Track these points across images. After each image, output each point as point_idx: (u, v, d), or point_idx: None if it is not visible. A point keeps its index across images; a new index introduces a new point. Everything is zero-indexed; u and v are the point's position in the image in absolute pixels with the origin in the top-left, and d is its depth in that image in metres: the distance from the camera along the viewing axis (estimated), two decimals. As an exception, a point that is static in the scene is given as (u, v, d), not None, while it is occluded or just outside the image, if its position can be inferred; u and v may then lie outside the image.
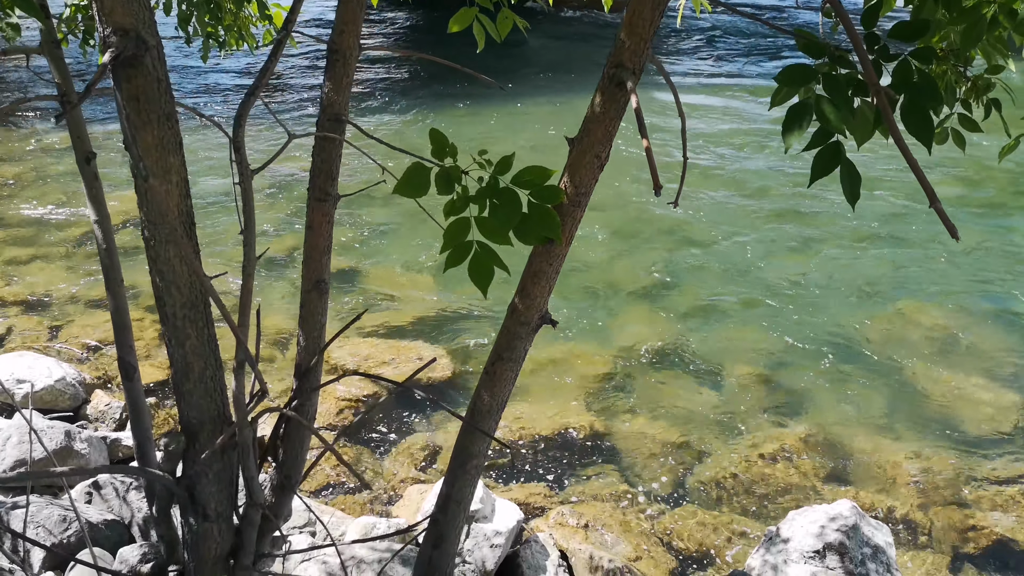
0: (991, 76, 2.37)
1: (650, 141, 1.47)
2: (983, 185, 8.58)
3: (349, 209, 7.99)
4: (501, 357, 1.99)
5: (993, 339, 5.85)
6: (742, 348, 5.81)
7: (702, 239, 7.46)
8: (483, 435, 2.05)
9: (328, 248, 2.03)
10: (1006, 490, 4.47)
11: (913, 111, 1.54)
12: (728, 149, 9.95)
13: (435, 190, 1.74)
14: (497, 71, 12.11)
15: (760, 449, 4.82)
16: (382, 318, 6.14)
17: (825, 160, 1.62)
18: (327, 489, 4.58)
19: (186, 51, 14.32)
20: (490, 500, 3.95)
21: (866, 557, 3.42)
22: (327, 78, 1.88)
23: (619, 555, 4.03)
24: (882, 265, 6.93)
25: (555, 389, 5.38)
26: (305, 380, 2.10)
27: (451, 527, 2.13)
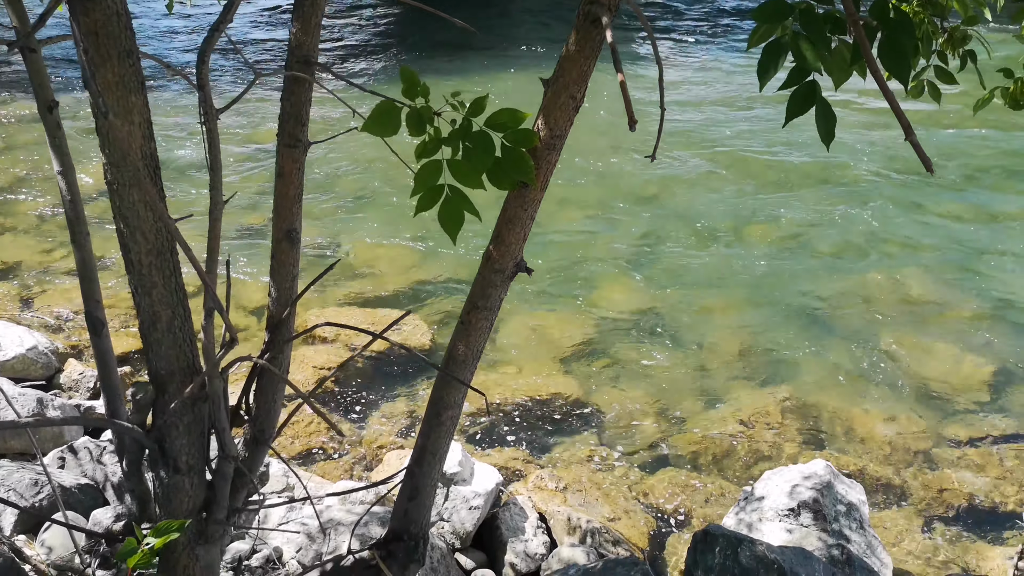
0: (967, 27, 2.36)
1: (625, 76, 1.44)
2: (957, 156, 8.64)
3: (327, 179, 7.90)
4: (476, 306, 1.97)
5: (964, 305, 5.92)
6: (720, 315, 5.84)
7: (682, 208, 7.46)
8: (459, 385, 2.03)
9: (299, 196, 1.99)
10: (976, 450, 4.55)
11: (890, 47, 1.52)
12: (709, 113, 9.93)
13: (407, 133, 1.70)
14: (486, 28, 11.90)
15: (737, 413, 4.86)
16: (360, 286, 6.09)
17: (800, 99, 1.60)
18: (307, 456, 4.57)
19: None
20: (469, 463, 3.95)
21: (839, 514, 3.47)
22: (295, 18, 1.83)
23: (597, 516, 4.06)
24: (857, 234, 6.97)
25: (535, 356, 5.38)
26: (278, 332, 2.07)
27: (427, 479, 2.12)
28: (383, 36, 13.62)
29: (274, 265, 2.02)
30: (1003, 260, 6.56)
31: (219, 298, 1.88)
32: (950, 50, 2.42)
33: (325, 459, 4.56)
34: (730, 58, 12.38)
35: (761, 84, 1.61)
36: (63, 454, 3.55)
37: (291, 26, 1.85)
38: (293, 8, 1.84)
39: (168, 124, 9.10)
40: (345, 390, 5.02)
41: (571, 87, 1.72)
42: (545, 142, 1.77)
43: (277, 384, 2.11)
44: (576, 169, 8.19)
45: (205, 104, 1.61)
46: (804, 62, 1.56)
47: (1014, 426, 4.73)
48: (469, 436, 4.67)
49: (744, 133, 9.24)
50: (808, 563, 2.76)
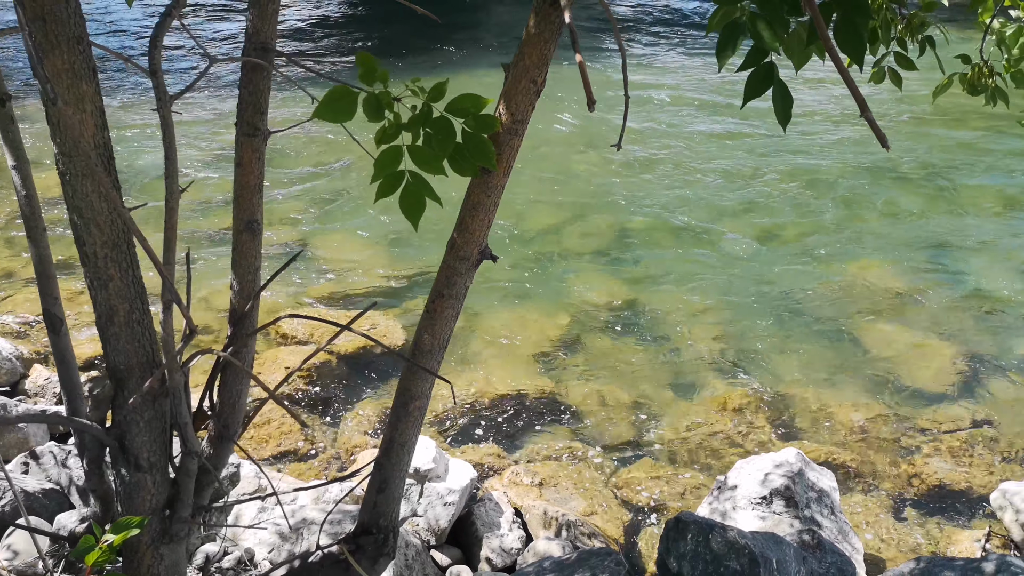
0: (925, 14, 2.39)
1: (583, 57, 1.43)
2: (925, 148, 8.77)
3: (297, 172, 7.83)
4: (441, 294, 1.95)
5: (934, 296, 6.01)
6: (693, 308, 5.87)
7: (654, 203, 7.49)
8: (426, 375, 2.02)
9: (259, 187, 1.96)
10: (946, 438, 4.61)
11: (845, 27, 1.53)
12: (680, 109, 10.00)
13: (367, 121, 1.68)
14: (459, 26, 11.87)
15: (711, 405, 4.89)
16: (332, 287, 6.04)
17: (758, 80, 1.61)
18: (280, 457, 4.52)
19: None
20: (443, 460, 3.93)
21: (811, 500, 3.50)
22: (251, 4, 1.80)
23: (573, 510, 4.06)
24: (827, 227, 7.05)
25: (509, 352, 5.37)
26: (241, 325, 2.04)
27: (396, 471, 2.10)
28: (353, 29, 13.54)
29: (235, 257, 1.99)
30: (968, 250, 6.68)
31: (185, 290, 1.85)
32: (909, 36, 2.45)
33: (298, 460, 4.51)
34: (702, 53, 12.47)
35: (720, 64, 1.62)
36: (26, 459, 3.48)
37: (248, 12, 1.83)
38: (249, -6, 1.81)
39: (123, 113, 8.98)
40: (320, 391, 4.97)
41: (532, 71, 1.71)
42: (507, 127, 1.76)
43: (241, 379, 2.07)
44: (550, 164, 8.20)
45: (158, 90, 1.58)
46: (761, 42, 1.57)
47: (982, 412, 4.81)
48: (444, 433, 4.65)
49: (716, 130, 9.31)
50: (779, 547, 2.77)
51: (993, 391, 4.99)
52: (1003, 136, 8.85)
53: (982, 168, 8.31)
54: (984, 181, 7.99)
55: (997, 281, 6.18)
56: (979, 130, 9.13)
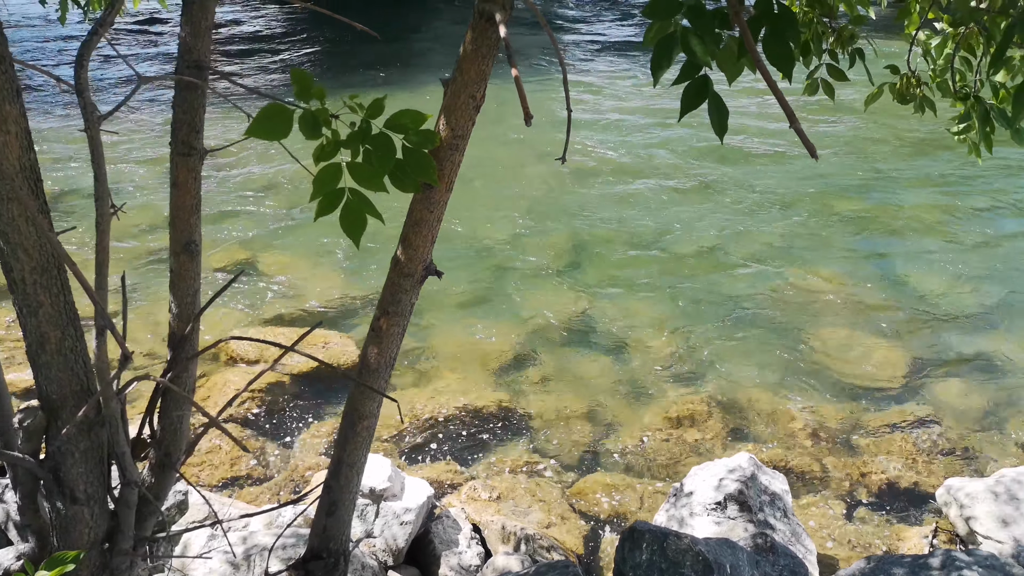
0: (854, 27, 2.47)
1: (519, 71, 1.44)
2: (865, 156, 9.05)
3: (248, 196, 7.70)
4: (387, 312, 1.93)
5: (875, 299, 6.18)
6: (646, 318, 5.93)
7: (605, 215, 7.57)
8: (373, 394, 1.99)
9: (197, 207, 1.91)
10: (892, 436, 4.73)
11: (774, 41, 1.57)
12: (627, 118, 10.13)
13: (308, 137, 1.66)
14: (408, 52, 11.82)
15: (666, 413, 4.93)
16: (283, 306, 5.95)
17: (693, 93, 1.63)
18: (231, 483, 4.41)
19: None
20: (399, 478, 3.88)
21: (764, 504, 3.55)
22: (184, 21, 1.77)
23: (532, 523, 4.04)
24: (774, 235, 7.21)
25: (465, 367, 5.35)
26: (180, 349, 1.99)
27: (345, 493, 2.07)
28: (290, 45, 13.41)
29: (173, 279, 1.94)
30: (909, 256, 6.89)
31: (122, 315, 1.79)
32: (840, 48, 2.53)
33: (252, 484, 4.41)
34: (646, 67, 12.67)
35: (655, 79, 1.64)
36: (-40, 496, 3.32)
37: (181, 29, 1.79)
38: (182, 11, 1.78)
39: (59, 132, 8.75)
40: (272, 412, 4.88)
41: (470, 86, 1.71)
42: (447, 142, 1.76)
43: (182, 404, 2.02)
44: (503, 178, 8.23)
45: (85, 110, 1.53)
46: (694, 57, 1.60)
47: (926, 411, 4.95)
48: (400, 450, 4.60)
49: (664, 142, 9.46)
50: (733, 552, 2.80)
51: (935, 390, 5.14)
52: (939, 145, 9.18)
53: (919, 176, 8.59)
54: (921, 190, 8.27)
55: (935, 285, 6.39)
56: (916, 140, 9.45)
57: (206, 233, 7.12)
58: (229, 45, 13.40)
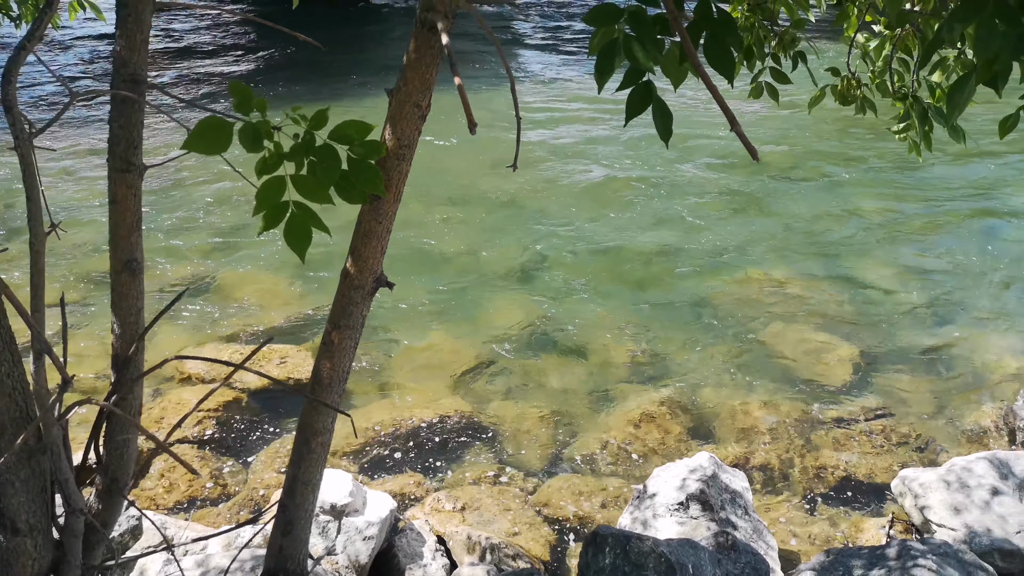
0: (795, 31, 2.52)
1: (462, 79, 1.43)
2: (815, 157, 9.25)
3: (201, 210, 7.56)
4: (338, 325, 1.91)
5: (829, 297, 6.31)
6: (606, 322, 5.97)
7: (564, 220, 7.60)
8: (327, 410, 1.96)
9: (138, 224, 1.86)
10: (848, 430, 4.83)
11: (715, 46, 1.59)
12: (580, 124, 10.21)
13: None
14: (363, 63, 11.73)
15: (628, 415, 4.96)
16: (240, 321, 5.84)
17: (638, 99, 1.64)
18: (188, 504, 4.30)
19: None
20: (361, 493, 3.83)
21: (725, 502, 3.58)
22: (119, 35, 1.73)
23: (497, 532, 4.02)
24: (730, 236, 7.32)
25: (427, 378, 5.31)
26: (125, 370, 1.93)
27: (301, 511, 2.03)
28: (230, 57, 13.22)
29: (115, 299, 1.89)
30: (857, 253, 7.05)
31: (62, 337, 1.73)
32: (782, 52, 2.58)
33: (209, 504, 4.31)
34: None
35: (599, 85, 1.65)
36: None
37: (116, 43, 1.75)
38: (116, 24, 1.73)
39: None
40: (230, 430, 4.78)
41: (415, 95, 1.70)
42: (393, 152, 1.74)
43: (128, 428, 1.96)
44: (461, 186, 8.21)
45: (15, 128, 1.48)
46: (637, 63, 1.61)
47: (879, 403, 5.06)
48: (362, 465, 4.54)
49: (618, 146, 9.55)
50: (695, 552, 2.82)
51: (887, 383, 5.26)
52: (884, 146, 9.43)
53: (865, 176, 8.82)
54: (866, 189, 8.48)
55: (883, 280, 6.55)
56: (863, 139, 9.70)
57: (159, 249, 6.97)
58: (167, 58, 13.15)
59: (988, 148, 9.06)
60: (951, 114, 1.84)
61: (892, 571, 3.06)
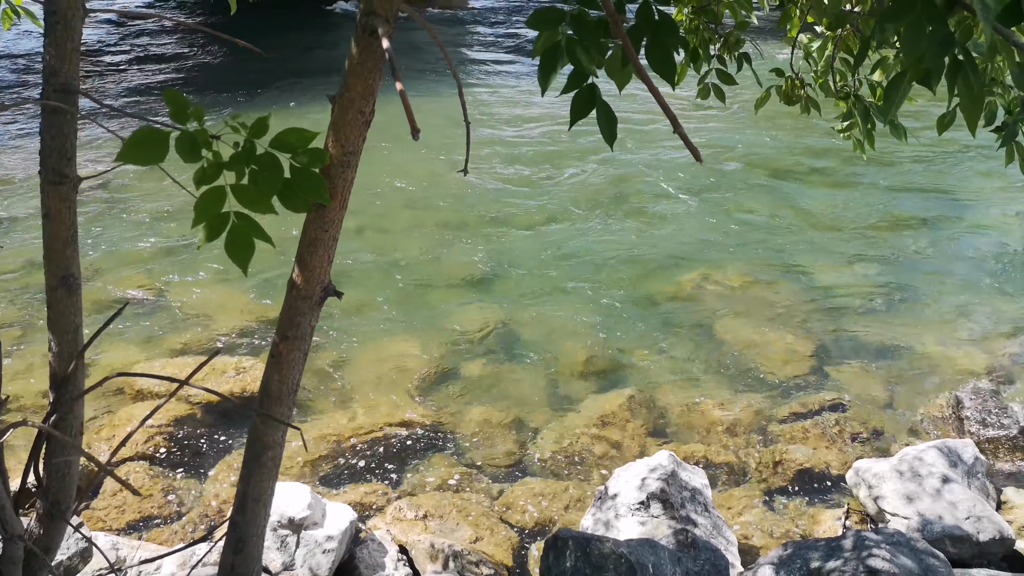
0: (739, 32, 2.55)
1: (403, 84, 1.41)
2: (768, 159, 9.42)
3: (149, 221, 7.38)
4: (286, 336, 1.87)
5: (782, 294, 6.42)
6: (564, 325, 5.98)
7: (520, 225, 7.61)
8: (276, 423, 1.92)
9: (73, 238, 1.80)
10: (803, 424, 4.91)
11: (656, 49, 1.60)
12: (536, 128, 10.23)
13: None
14: (310, 70, 11.56)
15: (588, 416, 4.97)
16: (193, 335, 5.71)
17: (582, 102, 1.65)
18: (141, 523, 4.19)
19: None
20: (320, 505, 3.77)
21: (685, 500, 3.61)
22: (48, 43, 1.67)
23: (460, 539, 4.00)
24: (685, 236, 7.40)
25: (386, 386, 5.26)
26: (63, 390, 1.86)
27: (252, 528, 1.98)
28: (166, 65, 12.96)
29: (52, 316, 1.82)
30: (808, 250, 7.20)
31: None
32: (727, 54, 2.61)
33: (163, 523, 4.20)
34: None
35: (543, 88, 1.64)
36: None
37: (46, 51, 1.69)
38: (45, 32, 1.68)
39: None
40: (182, 446, 4.67)
41: (358, 101, 1.67)
42: (338, 159, 1.71)
43: (69, 449, 1.89)
44: (415, 193, 8.16)
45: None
46: (580, 66, 1.61)
47: (833, 397, 5.16)
48: (321, 477, 4.47)
49: (573, 150, 9.59)
50: (654, 552, 2.84)
51: (840, 377, 5.37)
52: (827, 144, 9.65)
53: (812, 174, 9.01)
54: (815, 187, 8.66)
55: (834, 276, 6.69)
56: (807, 139, 9.91)
57: (104, 263, 6.77)
58: (99, 66, 12.83)
59: (936, 145, 9.33)
60: (888, 111, 1.88)
61: (848, 562, 3.12)
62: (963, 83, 1.29)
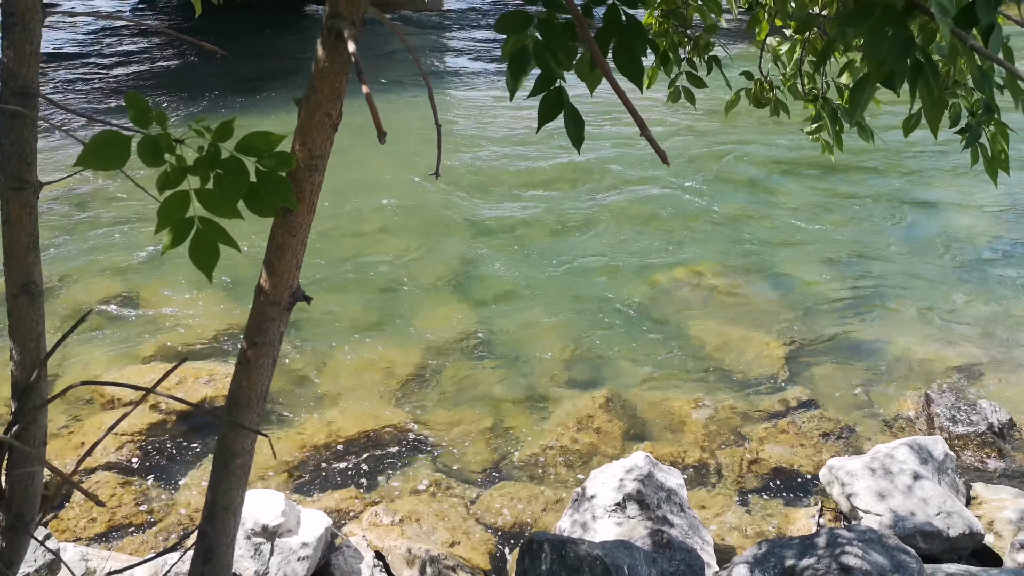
0: (709, 35, 2.57)
1: (370, 88, 1.40)
2: (741, 161, 9.51)
3: (119, 225, 7.27)
4: (254, 342, 1.85)
5: (756, 294, 6.48)
6: (541, 327, 5.98)
7: (494, 227, 7.61)
8: (246, 430, 1.89)
9: (34, 244, 1.77)
10: (777, 423, 4.95)
11: (624, 52, 1.61)
12: (508, 131, 10.24)
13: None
14: (285, 74, 11.46)
15: (565, 418, 4.98)
16: (165, 340, 5.63)
17: (550, 105, 1.65)
18: (113, 533, 4.12)
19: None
20: (294, 512, 3.74)
21: (661, 501, 3.63)
22: (6, 45, 1.63)
23: (437, 544, 3.98)
24: (659, 237, 7.45)
25: (361, 390, 5.23)
26: (26, 399, 1.82)
27: (222, 537, 1.95)
28: (130, 69, 12.81)
29: (13, 324, 1.79)
30: (784, 249, 7.27)
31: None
32: (697, 57, 2.63)
33: (135, 532, 4.14)
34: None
35: (511, 92, 1.64)
36: None
37: (4, 54, 1.65)
38: (2, 34, 1.64)
39: None
40: (155, 454, 4.60)
41: (325, 105, 1.66)
42: (305, 163, 1.70)
43: (32, 460, 1.85)
44: (391, 197, 8.13)
45: None
46: (548, 70, 1.61)
47: (806, 395, 5.22)
48: (296, 483, 4.43)
49: (546, 151, 9.61)
50: (629, 553, 2.84)
51: (813, 374, 5.43)
52: (802, 145, 9.76)
53: (784, 175, 9.10)
54: (790, 187, 8.75)
55: (806, 274, 6.77)
56: (778, 141, 10.01)
57: (75, 269, 6.65)
58: (60, 70, 12.63)
59: (904, 145, 9.47)
60: (853, 113, 1.90)
61: (821, 559, 3.15)
62: (924, 86, 1.30)
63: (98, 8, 17.08)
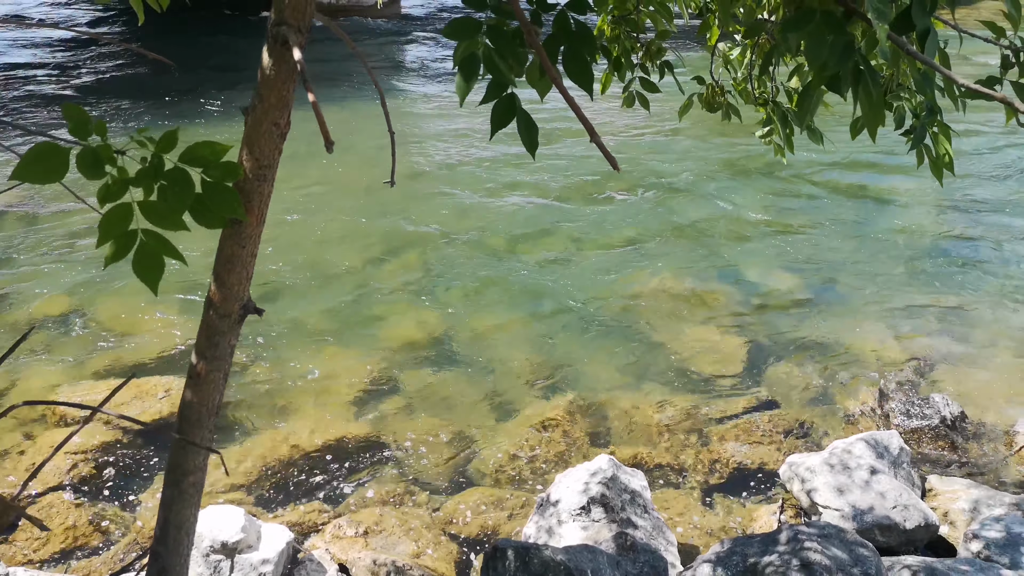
0: (661, 41, 2.60)
1: (316, 95, 1.38)
2: (706, 167, 9.63)
3: (66, 239, 7.08)
4: (204, 356, 1.80)
5: (717, 296, 6.56)
6: (505, 332, 5.98)
7: (454, 234, 7.58)
8: (197, 448, 1.85)
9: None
10: (737, 422, 5.02)
11: (573, 59, 1.61)
12: (467, 139, 10.24)
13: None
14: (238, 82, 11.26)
15: (530, 423, 4.98)
16: (118, 355, 5.50)
17: (501, 112, 1.64)
18: (68, 554, 4.00)
19: None
20: (254, 528, 3.67)
21: (625, 503, 3.64)
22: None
23: (402, 555, 3.94)
24: (618, 239, 7.50)
25: (324, 402, 5.16)
26: (-36, 422, 1.76)
27: (175, 557, 1.90)
28: (69, 79, 12.52)
29: (-52, 344, 1.72)
30: (741, 252, 7.38)
31: None
32: (649, 62, 2.65)
33: (91, 554, 4.03)
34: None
35: (461, 99, 1.64)
36: None
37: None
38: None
39: None
40: (110, 473, 4.48)
41: (272, 113, 1.63)
42: (253, 173, 1.66)
43: (-28, 483, 1.78)
44: (349, 205, 8.06)
45: None
46: (498, 76, 1.61)
47: (766, 394, 5.29)
48: (256, 498, 4.35)
49: (504, 158, 9.63)
50: (593, 557, 2.85)
51: (771, 374, 5.51)
52: (756, 148, 9.93)
53: (744, 178, 9.25)
54: (746, 191, 8.90)
55: (764, 275, 6.87)
56: (733, 144, 10.18)
57: (22, 284, 6.46)
58: (4, 81, 12.29)
59: (856, 145, 9.69)
60: (803, 118, 1.94)
61: (783, 555, 3.19)
62: (863, 92, 1.33)
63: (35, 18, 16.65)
